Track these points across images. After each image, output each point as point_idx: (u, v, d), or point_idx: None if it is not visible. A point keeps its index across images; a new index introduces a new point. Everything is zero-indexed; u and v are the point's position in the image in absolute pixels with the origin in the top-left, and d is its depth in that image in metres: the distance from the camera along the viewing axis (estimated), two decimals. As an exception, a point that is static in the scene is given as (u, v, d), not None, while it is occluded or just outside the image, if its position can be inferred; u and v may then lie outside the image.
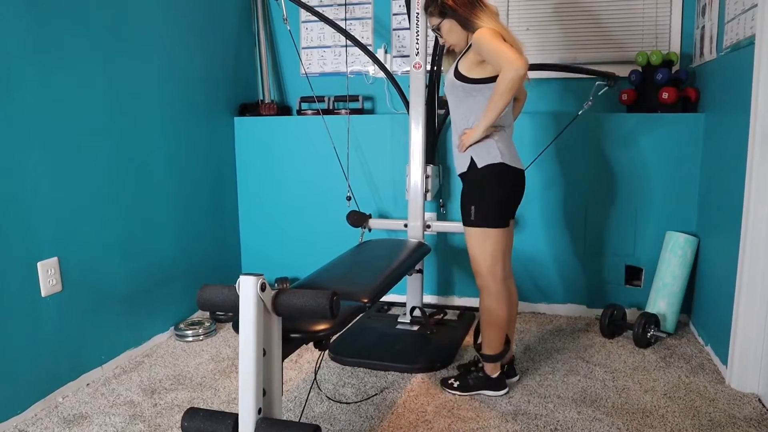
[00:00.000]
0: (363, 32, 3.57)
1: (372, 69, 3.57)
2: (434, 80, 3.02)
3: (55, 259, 2.26)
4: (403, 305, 3.11)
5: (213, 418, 1.48)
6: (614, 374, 2.47)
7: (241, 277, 1.45)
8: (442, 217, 3.28)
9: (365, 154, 3.36)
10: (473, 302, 3.30)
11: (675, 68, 3.08)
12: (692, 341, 2.80)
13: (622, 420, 2.10)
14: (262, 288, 1.45)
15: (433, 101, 3.01)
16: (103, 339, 2.52)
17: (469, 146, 2.13)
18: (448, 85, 2.19)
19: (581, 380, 2.42)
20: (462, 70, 2.11)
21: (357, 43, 3.14)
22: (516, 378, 2.42)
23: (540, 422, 2.10)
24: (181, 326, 2.92)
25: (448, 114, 3.00)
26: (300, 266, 3.52)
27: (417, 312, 2.93)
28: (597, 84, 2.86)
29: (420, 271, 2.91)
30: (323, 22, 3.21)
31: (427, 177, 2.92)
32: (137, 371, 2.54)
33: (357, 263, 2.35)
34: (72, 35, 2.30)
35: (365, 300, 1.87)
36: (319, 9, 3.42)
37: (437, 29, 2.21)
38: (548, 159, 3.09)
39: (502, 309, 2.20)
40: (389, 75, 3.17)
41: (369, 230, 3.12)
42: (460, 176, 2.23)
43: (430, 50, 3.00)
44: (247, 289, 1.44)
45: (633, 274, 3.15)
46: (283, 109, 3.71)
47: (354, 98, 3.52)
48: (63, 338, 2.31)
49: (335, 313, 1.47)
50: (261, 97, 3.66)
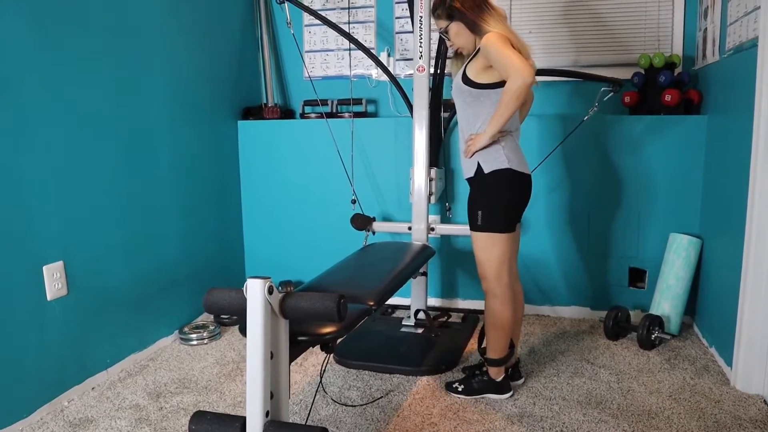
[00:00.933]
0: (366, 35, 3.58)
1: (375, 72, 3.58)
2: (437, 83, 3.03)
3: (61, 263, 2.26)
4: (408, 308, 3.11)
5: (221, 421, 1.48)
6: (619, 376, 2.47)
7: (249, 280, 1.45)
8: (447, 220, 3.29)
9: (369, 158, 3.37)
10: (477, 305, 3.30)
11: (678, 70, 3.08)
12: (696, 343, 2.80)
13: (628, 422, 2.10)
14: (270, 291, 1.45)
15: (437, 104, 3.02)
16: (108, 343, 2.53)
17: (476, 152, 2.13)
18: (456, 89, 2.19)
19: (586, 382, 2.42)
20: (470, 75, 2.11)
21: (360, 47, 3.14)
22: (521, 380, 2.42)
23: (545, 424, 2.10)
24: (186, 330, 2.93)
25: (454, 115, 3.01)
26: (304, 269, 3.52)
27: (421, 315, 2.93)
28: (602, 90, 2.86)
29: (424, 274, 2.92)
30: (327, 26, 3.21)
31: (431, 180, 2.92)
32: (142, 375, 2.54)
33: (362, 266, 2.35)
34: (77, 39, 2.31)
35: (371, 303, 1.87)
36: (323, 13, 3.43)
37: (445, 32, 2.21)
38: (552, 161, 3.10)
39: (508, 313, 2.20)
40: (392, 78, 3.18)
41: (373, 233, 3.12)
42: (468, 180, 2.23)
43: (434, 53, 3.01)
44: (255, 292, 1.45)
45: (637, 276, 3.15)
46: (287, 113, 3.71)
47: (357, 101, 3.53)
48: (68, 342, 2.32)
49: (342, 316, 1.47)
50: (264, 101, 3.66)
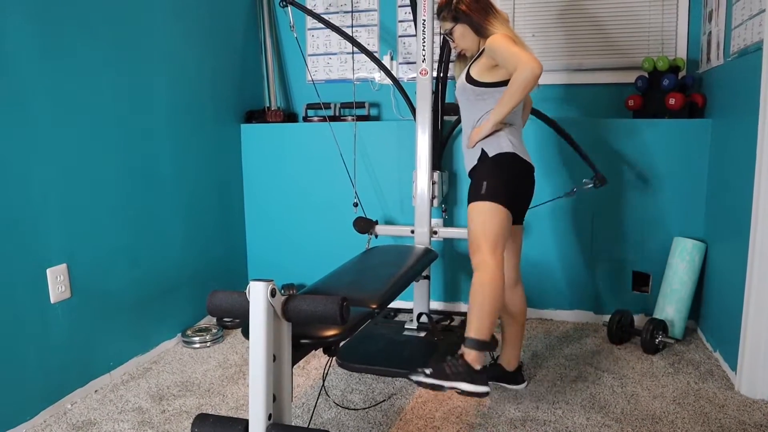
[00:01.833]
0: (369, 39, 3.59)
1: (378, 76, 3.58)
2: (440, 86, 3.03)
3: (64, 266, 2.26)
4: (410, 311, 3.10)
5: (223, 424, 1.48)
6: (623, 380, 2.46)
7: (252, 283, 1.45)
8: (449, 223, 3.28)
9: (371, 161, 3.37)
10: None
11: (681, 74, 3.08)
12: (700, 347, 2.79)
13: (632, 426, 2.09)
14: (273, 294, 1.45)
15: (440, 107, 3.02)
16: (112, 345, 2.53)
17: (479, 141, 2.13)
18: (460, 89, 2.20)
19: (589, 386, 2.41)
20: (474, 74, 2.12)
21: (363, 50, 3.15)
22: (524, 384, 2.41)
23: (549, 428, 2.09)
24: (189, 333, 2.93)
25: (458, 118, 3.00)
26: (306, 272, 3.52)
27: (424, 318, 2.92)
28: (584, 181, 2.83)
29: (427, 278, 2.91)
30: (330, 29, 3.22)
31: (434, 183, 2.92)
32: (145, 378, 2.54)
33: (365, 269, 2.34)
34: (81, 44, 2.32)
35: (374, 306, 1.86)
36: (326, 16, 3.43)
37: (449, 34, 2.21)
38: (555, 165, 3.09)
39: (498, 290, 2.01)
40: (395, 81, 3.18)
41: (375, 236, 3.12)
42: (470, 174, 2.20)
43: (437, 57, 3.01)
44: (258, 295, 1.44)
45: (640, 280, 3.14)
46: (290, 116, 3.72)
47: (360, 105, 3.53)
48: (71, 345, 2.32)
49: (345, 319, 1.47)
50: (267, 104, 3.67)
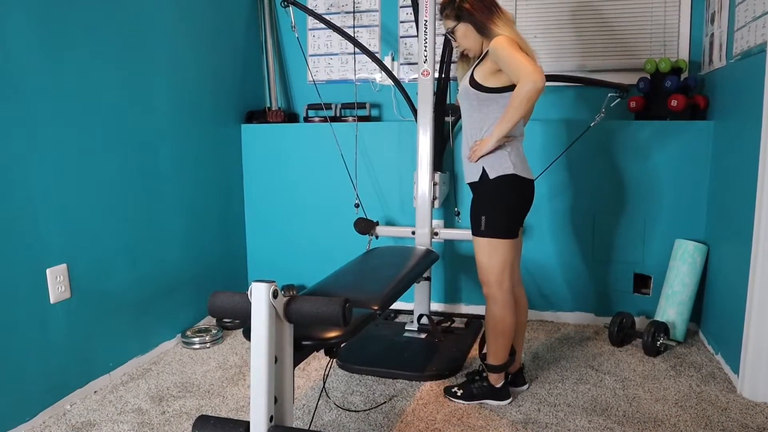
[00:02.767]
0: (370, 40, 3.58)
1: (379, 76, 3.57)
2: (442, 87, 3.02)
3: (64, 266, 2.25)
4: (411, 313, 3.10)
5: (224, 426, 1.47)
6: (624, 383, 2.45)
7: (253, 284, 1.44)
8: (451, 225, 3.27)
9: (372, 162, 3.36)
10: (480, 310, 3.28)
11: (684, 75, 3.07)
12: (702, 350, 2.78)
13: (634, 429, 2.08)
14: (275, 295, 1.44)
15: (441, 108, 3.01)
16: (111, 346, 2.52)
17: (481, 157, 2.12)
18: (463, 93, 2.16)
19: (591, 389, 2.40)
20: (477, 78, 2.08)
21: (365, 51, 3.14)
22: (525, 386, 2.40)
23: (551, 431, 2.08)
24: (188, 333, 2.91)
25: (459, 119, 2.99)
26: (306, 273, 3.51)
27: (424, 320, 2.92)
28: (609, 96, 2.82)
29: (428, 279, 2.90)
30: (331, 30, 3.21)
31: (435, 184, 2.91)
32: (144, 378, 2.53)
33: (366, 270, 2.34)
34: (82, 44, 2.31)
35: (375, 307, 1.86)
36: (327, 17, 3.42)
37: (452, 33, 2.17)
38: (556, 166, 3.08)
39: (509, 319, 2.18)
40: (397, 82, 3.18)
41: (376, 237, 3.11)
42: (470, 185, 2.22)
43: (438, 57, 3.00)
44: (260, 296, 1.43)
45: (642, 282, 3.13)
46: (290, 117, 3.71)
47: (361, 105, 3.52)
48: (71, 345, 2.31)
49: (347, 321, 1.46)
50: (268, 105, 3.66)
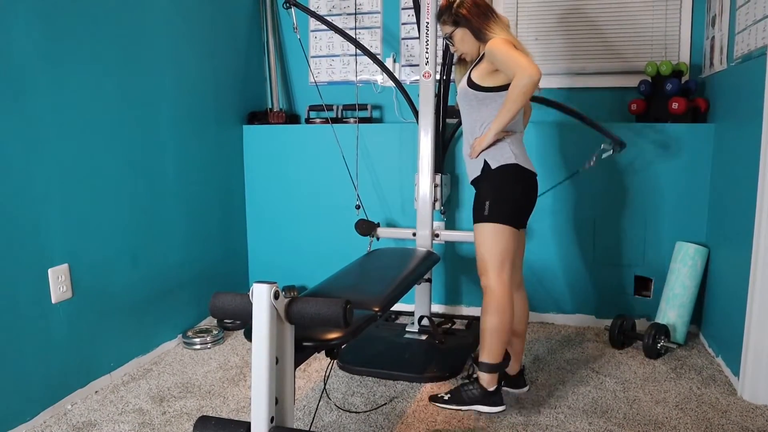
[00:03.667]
0: (372, 41, 3.58)
1: (380, 78, 3.58)
2: (443, 89, 3.02)
3: (66, 266, 2.26)
4: (411, 314, 3.10)
5: (225, 427, 1.47)
6: (625, 385, 2.45)
7: (255, 285, 1.45)
8: (450, 226, 3.28)
9: (373, 163, 3.37)
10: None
11: (684, 78, 3.08)
12: (703, 352, 2.78)
13: (634, 431, 2.08)
14: (276, 296, 1.45)
15: (442, 110, 3.01)
16: (112, 346, 2.52)
17: (482, 151, 2.13)
18: (461, 94, 2.20)
19: (591, 391, 2.40)
20: (475, 79, 2.12)
21: (366, 52, 3.14)
22: (526, 388, 2.40)
23: (551, 433, 2.09)
24: (189, 334, 2.92)
25: (460, 122, 3.01)
26: (307, 274, 3.51)
27: (425, 321, 2.92)
28: (602, 146, 2.74)
29: (429, 280, 2.91)
30: (333, 31, 3.22)
31: (436, 186, 2.92)
32: (145, 379, 2.53)
33: (367, 272, 2.34)
34: (84, 44, 2.32)
35: (376, 309, 1.86)
36: (329, 18, 3.43)
37: (450, 37, 2.22)
38: (557, 169, 3.09)
39: (507, 312, 2.12)
40: (398, 84, 3.18)
41: (377, 239, 3.11)
42: (473, 183, 2.23)
43: (440, 59, 3.01)
44: (261, 297, 1.44)
45: (642, 285, 3.13)
46: (292, 118, 3.72)
47: (363, 107, 3.53)
48: (72, 345, 2.31)
49: (349, 322, 1.46)
50: (269, 106, 3.67)
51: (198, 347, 2.87)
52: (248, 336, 1.57)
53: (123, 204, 2.55)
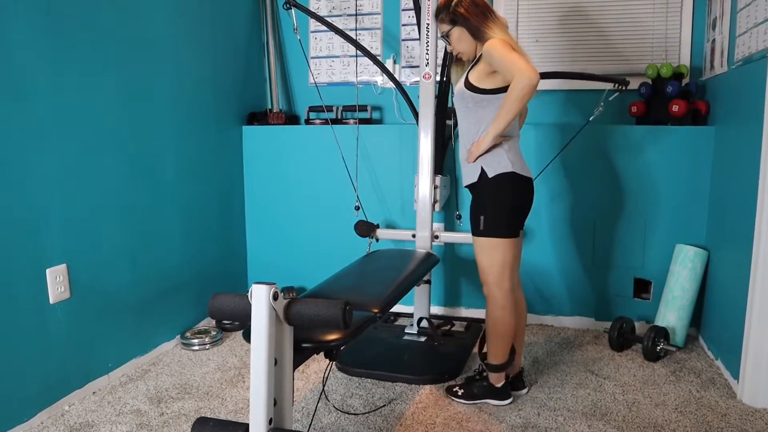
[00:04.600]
0: (372, 42, 3.58)
1: (380, 79, 3.57)
2: (443, 91, 3.02)
3: (64, 266, 2.25)
4: (410, 316, 3.09)
5: (223, 428, 1.46)
6: (624, 388, 2.45)
7: (254, 286, 1.44)
8: (452, 228, 3.27)
9: (373, 164, 3.36)
10: (480, 314, 3.28)
11: (685, 81, 3.08)
12: (702, 355, 2.78)
13: (634, 434, 2.08)
14: (275, 297, 1.44)
15: (442, 111, 3.01)
16: (110, 347, 2.51)
17: (479, 156, 2.13)
18: (458, 96, 2.18)
19: (591, 393, 2.40)
20: (472, 80, 2.11)
21: (366, 53, 3.14)
22: (525, 390, 2.40)
23: (550, 436, 2.08)
24: (188, 335, 2.91)
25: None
26: (306, 275, 3.51)
27: (424, 323, 2.91)
28: (607, 90, 2.81)
29: (428, 282, 2.90)
30: (333, 32, 3.21)
31: (436, 187, 2.91)
32: (143, 380, 2.53)
33: (366, 273, 2.33)
34: (84, 44, 2.31)
35: (376, 310, 1.86)
36: (329, 19, 3.43)
37: (446, 36, 2.21)
38: (556, 170, 3.09)
39: (509, 319, 2.19)
40: (398, 85, 3.18)
41: (377, 240, 3.11)
42: (468, 187, 2.23)
43: (440, 61, 3.01)
44: (260, 298, 1.43)
45: (642, 287, 3.13)
46: (292, 119, 3.71)
47: (362, 108, 3.52)
48: (70, 346, 2.30)
49: (348, 323, 1.46)
50: (269, 106, 3.66)
51: (196, 348, 2.86)
52: (247, 337, 1.57)
53: (122, 204, 2.55)
